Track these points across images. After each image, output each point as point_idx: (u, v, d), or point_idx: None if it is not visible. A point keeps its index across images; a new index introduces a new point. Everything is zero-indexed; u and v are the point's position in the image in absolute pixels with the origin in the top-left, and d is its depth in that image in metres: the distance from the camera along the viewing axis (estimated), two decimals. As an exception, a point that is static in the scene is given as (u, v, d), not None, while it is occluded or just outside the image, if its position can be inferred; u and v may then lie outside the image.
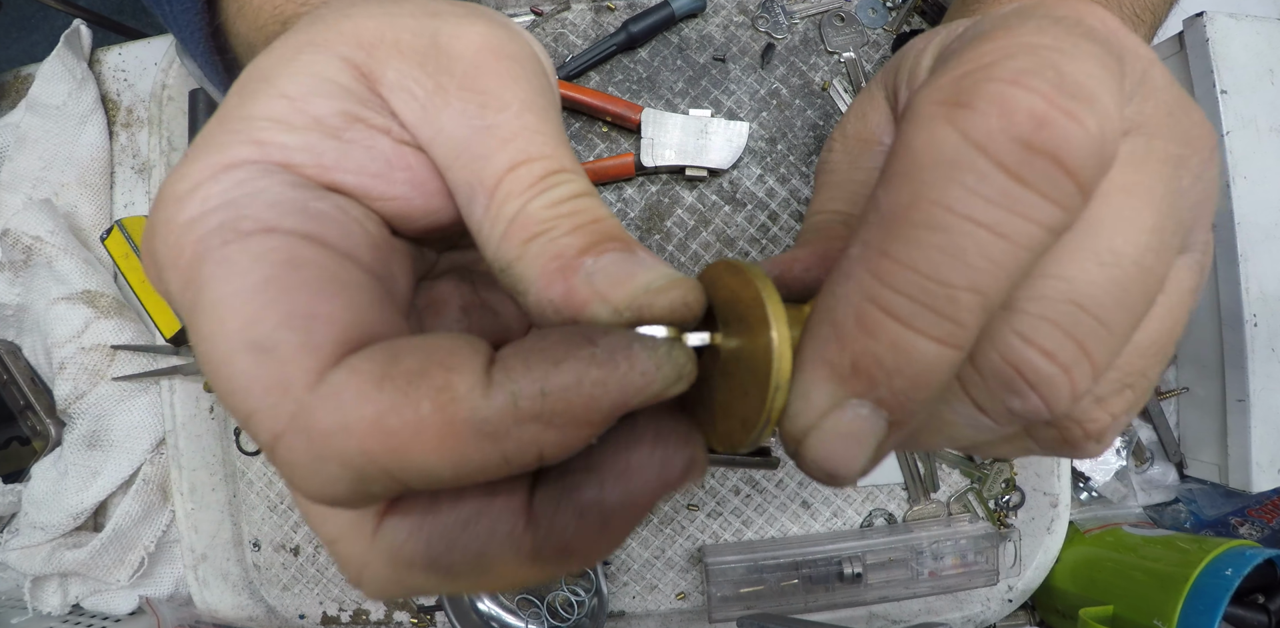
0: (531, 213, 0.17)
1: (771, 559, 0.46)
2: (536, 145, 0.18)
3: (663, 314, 0.16)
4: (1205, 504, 0.55)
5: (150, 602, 0.51)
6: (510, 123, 0.18)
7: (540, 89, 0.19)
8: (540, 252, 0.16)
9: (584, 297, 0.16)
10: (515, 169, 0.17)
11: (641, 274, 0.16)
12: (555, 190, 0.17)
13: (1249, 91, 0.49)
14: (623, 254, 0.16)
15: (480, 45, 0.19)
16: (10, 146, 0.53)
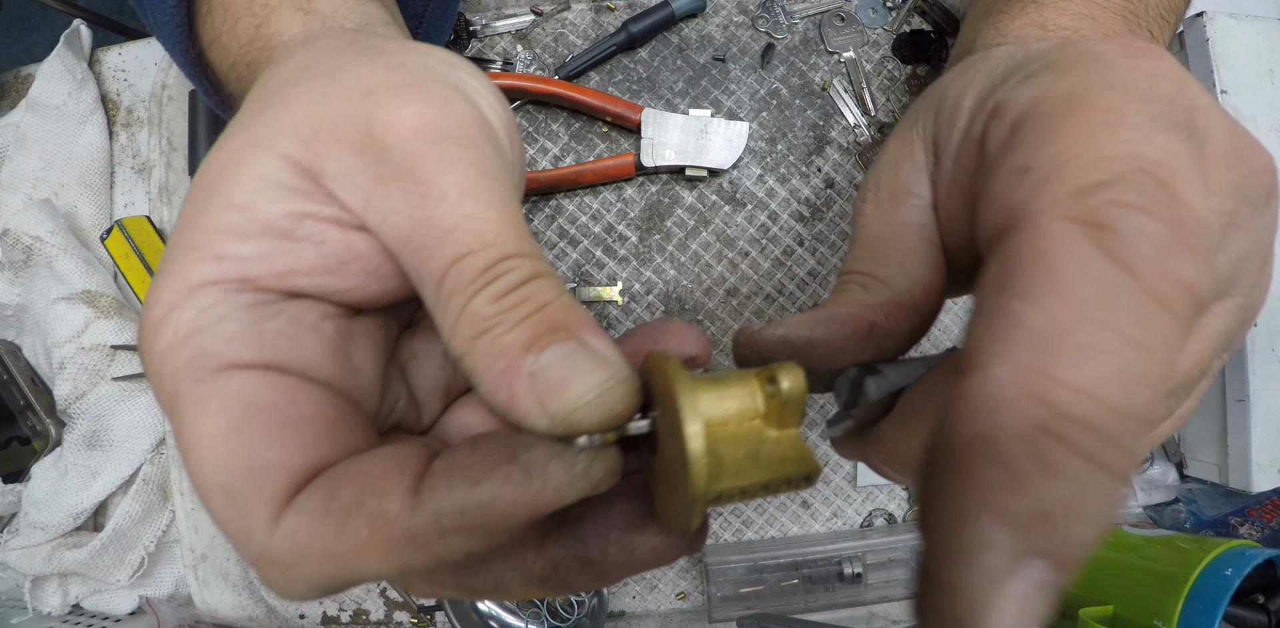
0: (475, 309, 0.17)
1: (771, 559, 0.46)
2: (477, 235, 0.18)
3: (591, 428, 0.16)
4: (1205, 504, 0.55)
5: (150, 602, 0.51)
6: (450, 213, 0.18)
7: (484, 167, 0.19)
8: (486, 350, 0.17)
9: (524, 407, 0.16)
10: (458, 262, 0.17)
11: (576, 383, 0.16)
12: (499, 282, 0.17)
13: (1249, 91, 0.49)
14: (564, 348, 0.17)
15: (414, 130, 0.19)
16: (10, 146, 0.53)
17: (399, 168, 0.18)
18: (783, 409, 0.18)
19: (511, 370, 0.16)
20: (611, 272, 0.48)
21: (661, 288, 0.48)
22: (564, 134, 0.48)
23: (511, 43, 0.48)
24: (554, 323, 0.17)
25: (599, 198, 0.48)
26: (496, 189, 0.19)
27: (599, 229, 0.48)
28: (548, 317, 0.17)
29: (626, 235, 0.48)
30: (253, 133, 0.19)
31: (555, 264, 0.48)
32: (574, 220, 0.48)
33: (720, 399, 0.18)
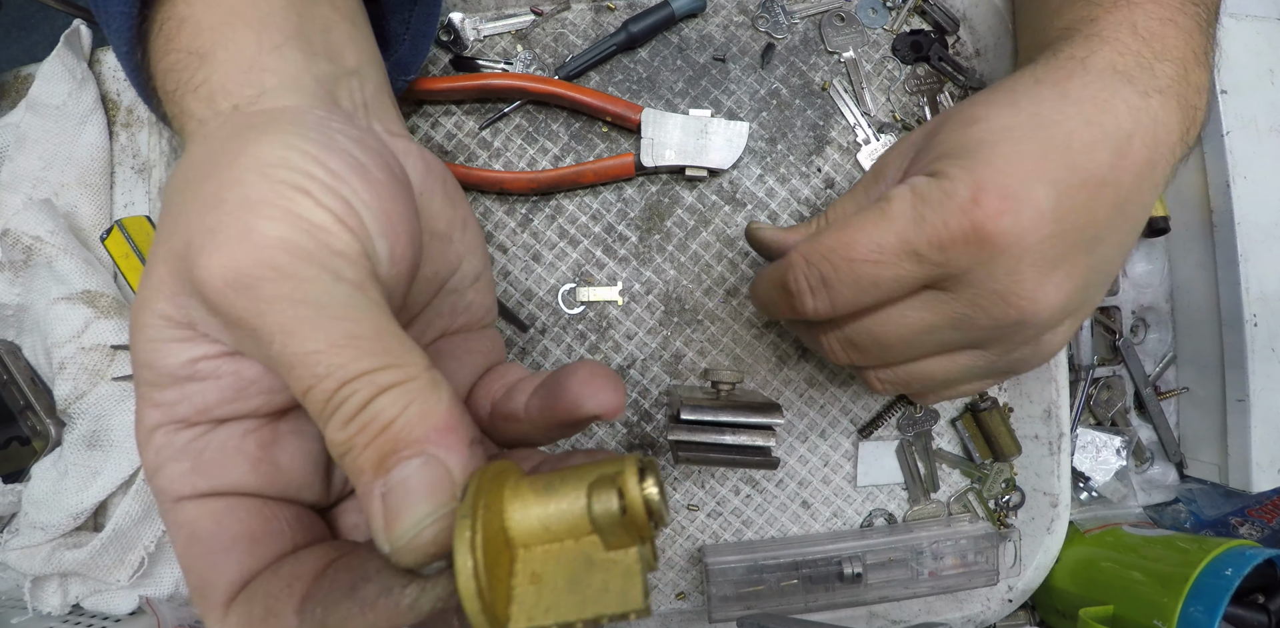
0: (330, 437, 0.19)
1: (771, 559, 0.46)
2: (309, 370, 0.19)
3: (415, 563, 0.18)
4: (1205, 504, 0.55)
5: (150, 602, 0.51)
6: (280, 354, 0.19)
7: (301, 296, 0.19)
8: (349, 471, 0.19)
9: (375, 530, 0.19)
10: (305, 395, 0.19)
11: (404, 516, 0.18)
12: (341, 410, 0.19)
13: (1249, 91, 0.49)
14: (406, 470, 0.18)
15: (223, 282, 0.20)
16: (10, 146, 0.53)
17: (226, 318, 0.20)
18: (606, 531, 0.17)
19: (368, 493, 0.19)
20: (611, 272, 0.48)
21: (661, 288, 0.48)
22: (564, 134, 0.48)
23: (511, 43, 0.48)
24: (399, 440, 0.18)
25: (599, 198, 0.48)
26: (324, 314, 0.19)
27: (599, 229, 0.48)
28: (392, 434, 0.18)
29: (626, 235, 0.48)
30: (141, 295, 0.22)
31: (555, 264, 0.48)
32: (574, 220, 0.48)
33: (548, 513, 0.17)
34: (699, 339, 0.48)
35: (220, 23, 0.25)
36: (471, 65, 0.47)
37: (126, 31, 0.27)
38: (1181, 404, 0.55)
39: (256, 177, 0.21)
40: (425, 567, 0.18)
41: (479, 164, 0.47)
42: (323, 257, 0.20)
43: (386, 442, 0.18)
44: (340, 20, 0.29)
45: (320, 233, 0.20)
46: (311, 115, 0.24)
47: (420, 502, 0.18)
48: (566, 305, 0.48)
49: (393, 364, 0.19)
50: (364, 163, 0.23)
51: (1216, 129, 0.49)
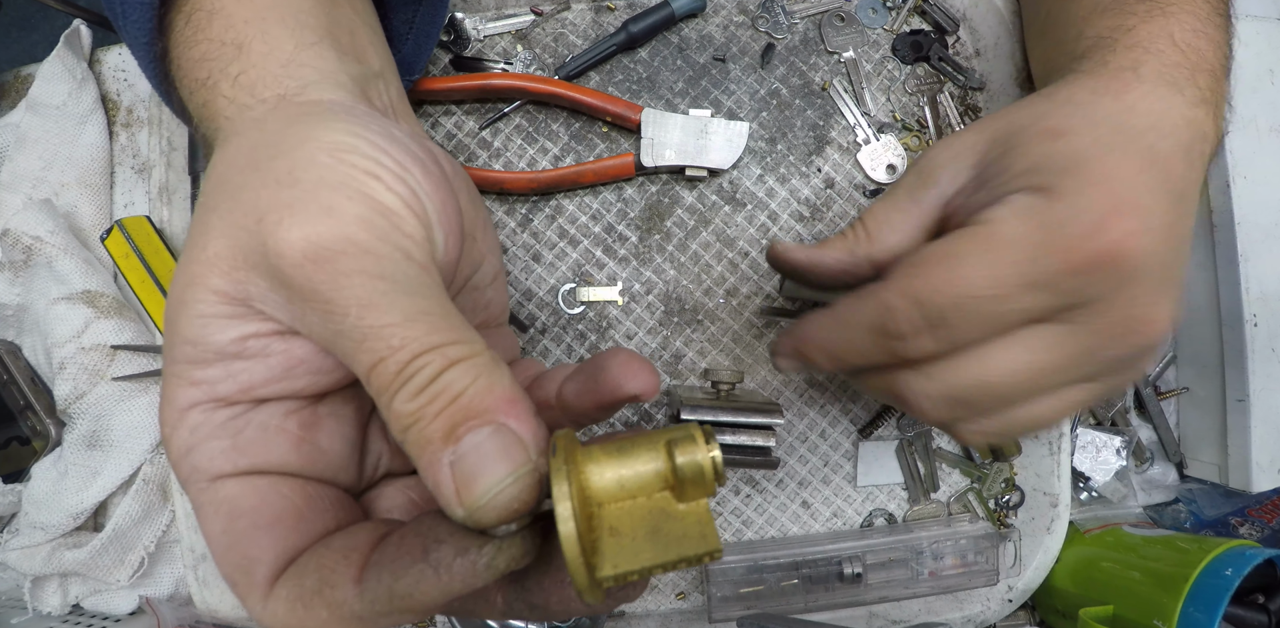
0: (397, 409, 0.19)
1: (771, 559, 0.46)
2: (383, 342, 0.19)
3: (494, 524, 0.19)
4: (1205, 504, 0.55)
5: (150, 602, 0.51)
6: (354, 328, 0.20)
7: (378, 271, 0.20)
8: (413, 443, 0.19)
9: (446, 496, 0.19)
10: (374, 368, 0.19)
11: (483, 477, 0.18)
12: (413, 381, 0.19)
13: (1249, 91, 0.49)
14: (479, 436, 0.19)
15: (302, 255, 0.20)
16: (10, 146, 0.53)
17: (299, 291, 0.20)
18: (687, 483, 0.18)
19: (435, 461, 0.19)
20: (611, 272, 0.48)
21: (661, 288, 0.48)
22: (564, 134, 0.48)
23: (511, 43, 0.48)
24: (470, 410, 0.19)
25: (599, 198, 0.48)
26: (398, 289, 0.20)
27: (599, 229, 0.48)
28: (463, 404, 0.19)
29: (626, 235, 0.48)
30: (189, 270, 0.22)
31: (555, 264, 0.48)
32: (574, 220, 0.48)
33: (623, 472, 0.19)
34: (699, 339, 0.48)
35: (253, 17, 0.26)
36: (471, 65, 0.47)
37: (148, 22, 0.27)
38: (1181, 404, 0.55)
39: (329, 159, 0.22)
40: (499, 529, 0.18)
41: (479, 164, 0.47)
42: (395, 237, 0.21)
43: (458, 411, 0.19)
44: (360, 24, 0.30)
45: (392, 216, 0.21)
46: (359, 109, 0.25)
47: (498, 464, 0.18)
48: (566, 305, 0.48)
49: (460, 340, 0.20)
50: (420, 156, 0.24)
51: (1216, 129, 0.49)
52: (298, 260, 0.20)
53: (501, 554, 0.18)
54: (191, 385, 0.22)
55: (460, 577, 0.18)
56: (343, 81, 0.26)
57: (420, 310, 0.20)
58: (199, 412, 0.22)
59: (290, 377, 0.22)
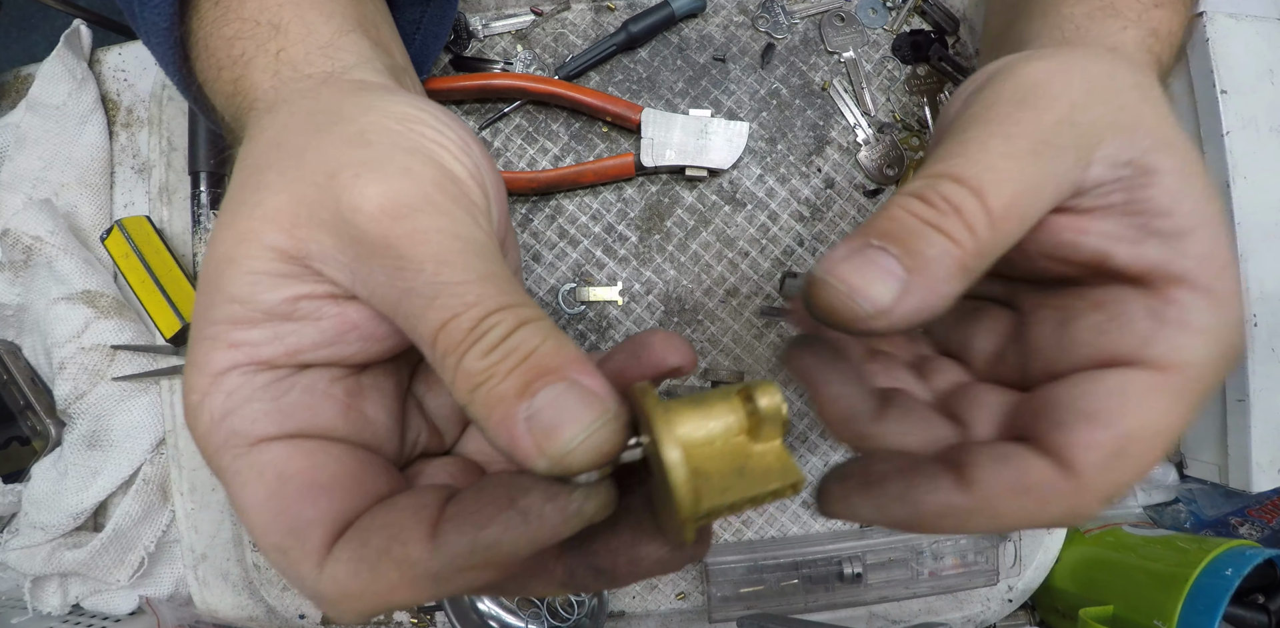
0: (468, 367, 0.19)
1: (771, 559, 0.46)
2: (457, 299, 0.19)
3: (584, 468, 0.18)
4: (1205, 504, 0.55)
5: (150, 602, 0.51)
6: (428, 284, 0.19)
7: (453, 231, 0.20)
8: (483, 401, 0.19)
9: (524, 450, 0.18)
10: (445, 326, 0.19)
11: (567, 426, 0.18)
12: (486, 338, 0.19)
13: (1249, 91, 0.49)
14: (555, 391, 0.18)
15: (380, 210, 0.20)
16: (10, 146, 0.53)
17: (373, 247, 0.20)
18: (763, 424, 0.20)
19: (509, 418, 0.18)
20: (611, 272, 0.48)
21: (661, 288, 0.48)
22: (564, 134, 0.48)
23: (511, 43, 0.48)
24: (543, 367, 0.18)
25: (599, 198, 0.48)
26: (471, 249, 0.20)
27: (599, 229, 0.48)
28: (536, 362, 0.18)
29: (626, 235, 0.48)
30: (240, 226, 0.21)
31: (555, 264, 0.48)
32: (574, 220, 0.48)
33: (703, 420, 0.20)
34: (699, 339, 0.48)
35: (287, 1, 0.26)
36: (472, 65, 0.47)
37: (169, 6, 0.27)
38: (1181, 404, 0.55)
39: (399, 126, 0.22)
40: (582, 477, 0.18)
41: (479, 164, 0.47)
42: (465, 203, 0.21)
43: (531, 369, 0.18)
44: (383, 21, 0.31)
45: (461, 184, 0.22)
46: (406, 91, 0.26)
47: (580, 412, 0.18)
48: (567, 305, 0.48)
49: (527, 304, 0.20)
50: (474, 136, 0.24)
51: (1216, 129, 0.49)
52: (376, 214, 0.20)
53: (590, 500, 0.18)
54: (230, 348, 0.20)
55: (550, 524, 0.18)
56: (380, 69, 0.27)
57: (491, 272, 0.20)
58: (238, 374, 0.21)
59: (341, 342, 0.21)
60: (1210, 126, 0.49)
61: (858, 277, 0.19)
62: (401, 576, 0.18)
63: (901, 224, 0.20)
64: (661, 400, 0.19)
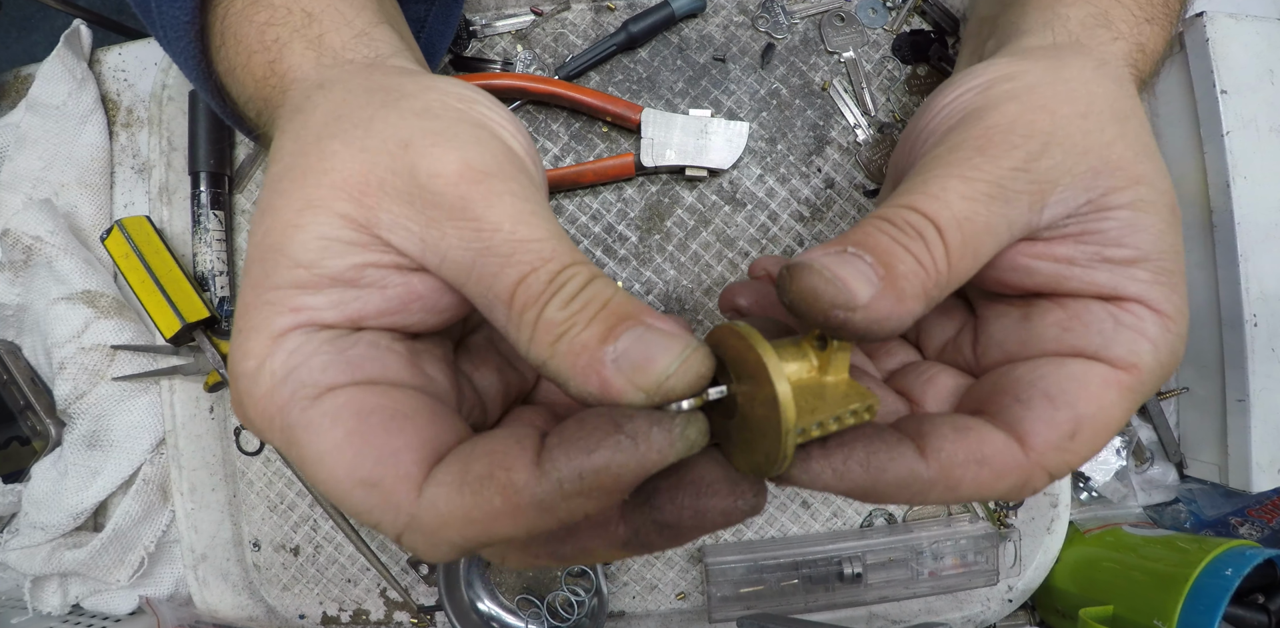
0: (549, 318, 0.19)
1: (771, 559, 0.46)
2: (534, 254, 0.20)
3: (684, 393, 0.19)
4: (1205, 504, 0.55)
5: (150, 602, 0.51)
6: (506, 241, 0.20)
7: (523, 195, 0.21)
8: (567, 351, 0.19)
9: (618, 388, 0.19)
10: (523, 281, 0.20)
11: (659, 357, 0.19)
12: (564, 290, 0.20)
13: (1249, 91, 0.49)
14: (636, 333, 0.19)
15: (458, 175, 0.21)
16: (10, 146, 0.53)
17: (450, 210, 0.20)
18: (832, 360, 0.22)
19: (596, 362, 0.19)
20: (611, 272, 0.48)
21: (661, 288, 0.48)
22: (564, 134, 0.48)
23: (511, 43, 0.48)
24: (621, 314, 0.19)
25: (599, 198, 0.48)
26: (540, 212, 0.21)
27: (599, 229, 0.48)
28: (613, 310, 0.19)
29: (626, 235, 0.48)
30: (305, 193, 0.21)
31: (555, 264, 0.48)
32: (574, 220, 0.48)
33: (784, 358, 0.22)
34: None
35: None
36: (472, 65, 0.47)
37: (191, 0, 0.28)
38: (1181, 404, 0.55)
39: (460, 104, 0.23)
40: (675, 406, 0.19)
41: (479, 164, 0.48)
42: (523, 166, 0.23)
43: (610, 315, 0.19)
44: (398, 16, 0.32)
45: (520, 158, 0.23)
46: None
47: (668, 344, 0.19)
48: (566, 305, 0.48)
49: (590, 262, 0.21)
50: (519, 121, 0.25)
51: (1216, 129, 0.49)
52: (454, 179, 0.20)
53: (691, 425, 0.19)
54: (292, 312, 0.20)
55: (658, 447, 0.18)
56: (413, 60, 0.27)
57: (559, 231, 0.21)
58: (299, 334, 0.20)
59: (404, 311, 0.22)
60: (1210, 126, 0.49)
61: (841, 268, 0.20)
62: (505, 502, 0.18)
63: (875, 239, 0.21)
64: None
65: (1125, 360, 0.23)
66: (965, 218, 0.21)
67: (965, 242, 0.21)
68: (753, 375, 0.20)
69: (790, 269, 0.21)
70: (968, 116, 0.25)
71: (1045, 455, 0.21)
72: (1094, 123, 0.24)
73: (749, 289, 0.28)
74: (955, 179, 0.22)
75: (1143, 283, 0.24)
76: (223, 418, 0.51)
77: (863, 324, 0.20)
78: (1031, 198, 0.23)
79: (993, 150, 0.23)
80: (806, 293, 0.20)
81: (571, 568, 0.48)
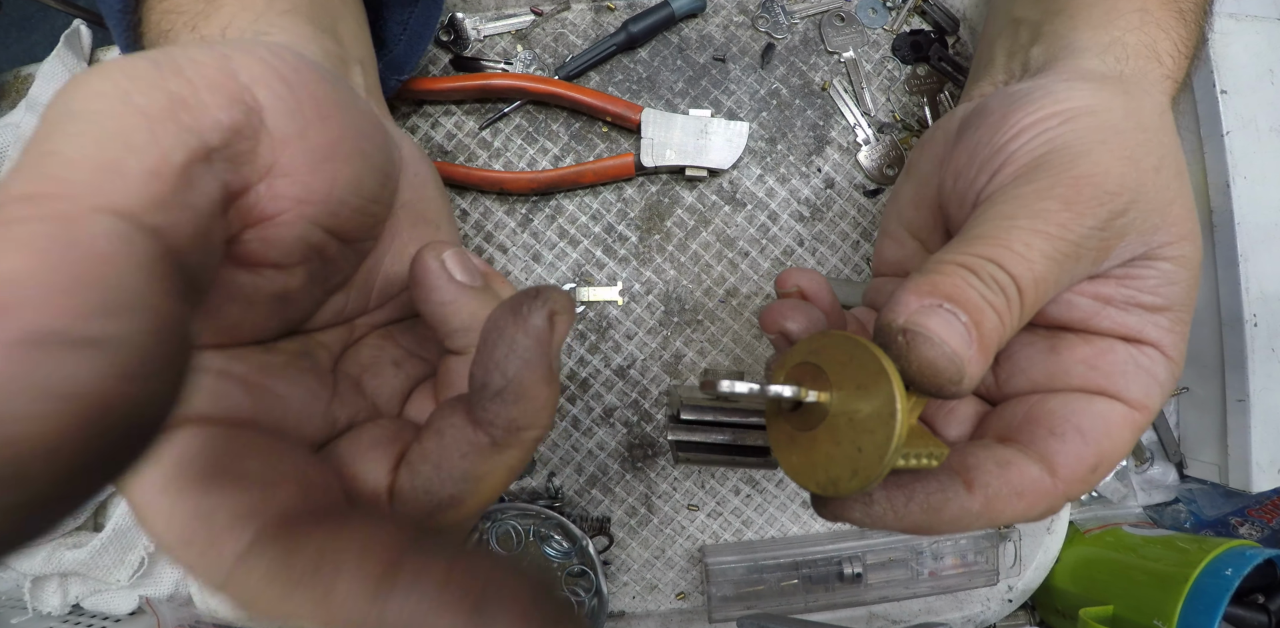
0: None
1: (771, 559, 0.46)
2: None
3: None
4: (1205, 504, 0.55)
5: (150, 602, 0.51)
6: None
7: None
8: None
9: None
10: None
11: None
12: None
13: (1249, 91, 0.49)
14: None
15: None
16: (10, 147, 0.53)
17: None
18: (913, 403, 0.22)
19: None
20: (611, 272, 0.48)
21: (661, 288, 0.48)
22: (564, 134, 0.48)
23: (511, 43, 0.48)
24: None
25: (599, 198, 0.48)
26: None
27: (599, 229, 0.48)
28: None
29: (626, 235, 0.48)
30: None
31: (555, 264, 0.48)
32: (574, 220, 0.48)
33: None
34: (699, 339, 0.48)
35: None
36: (471, 65, 0.47)
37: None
38: (1181, 404, 0.55)
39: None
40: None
41: (479, 164, 0.47)
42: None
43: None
44: (347, 14, 0.30)
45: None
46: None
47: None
48: (566, 305, 0.48)
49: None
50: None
51: (1216, 129, 0.49)
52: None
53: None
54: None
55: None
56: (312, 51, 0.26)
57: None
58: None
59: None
60: (1210, 126, 0.49)
61: (951, 337, 0.20)
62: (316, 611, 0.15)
63: (966, 294, 0.21)
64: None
65: (1140, 402, 0.25)
66: (1043, 279, 0.22)
67: (1037, 300, 0.22)
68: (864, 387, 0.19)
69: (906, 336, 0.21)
70: (1054, 153, 0.25)
71: (1071, 485, 0.23)
72: (1164, 179, 0.25)
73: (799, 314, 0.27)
74: (1040, 236, 0.22)
75: (1162, 330, 0.25)
76: (223, 418, 0.51)
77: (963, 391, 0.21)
78: (1098, 254, 0.24)
79: (1080, 206, 0.23)
80: (928, 367, 0.20)
81: (571, 568, 0.48)
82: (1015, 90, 0.29)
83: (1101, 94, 0.27)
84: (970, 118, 0.29)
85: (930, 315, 0.20)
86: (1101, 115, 0.26)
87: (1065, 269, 0.23)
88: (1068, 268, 0.23)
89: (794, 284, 0.28)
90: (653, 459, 0.48)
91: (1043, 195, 0.24)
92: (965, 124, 0.29)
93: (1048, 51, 0.32)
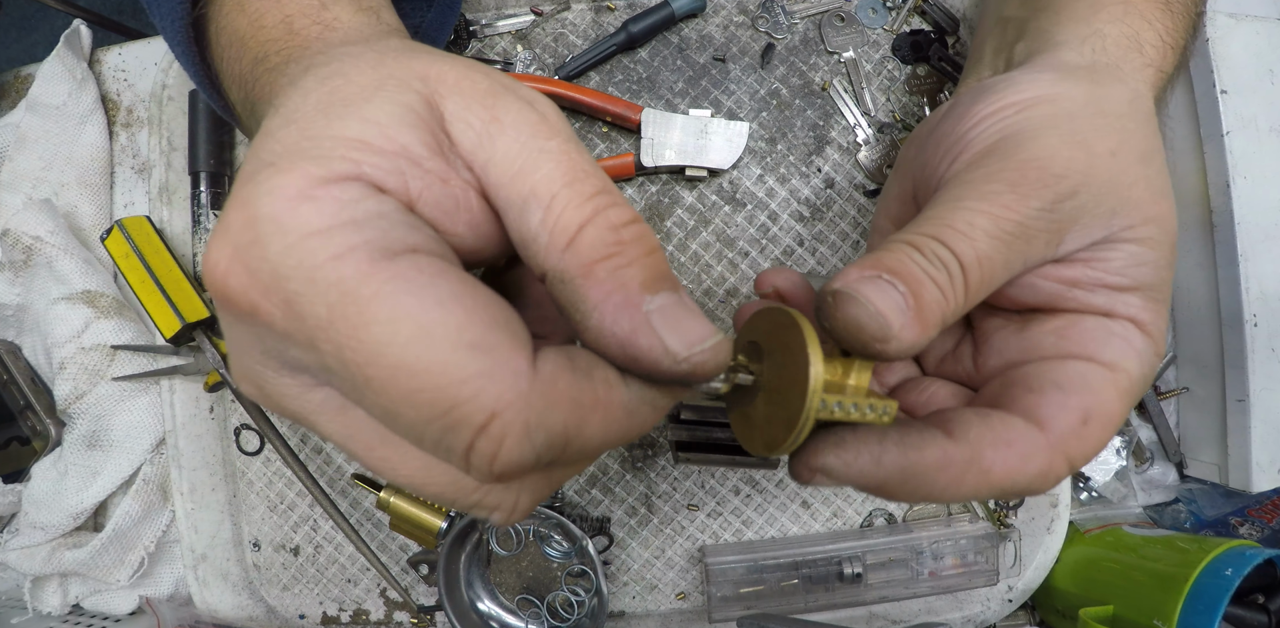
0: (594, 234, 0.18)
1: (771, 559, 0.46)
2: (585, 164, 0.19)
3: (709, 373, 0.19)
4: (1205, 504, 0.55)
5: (150, 602, 0.51)
6: (562, 147, 0.19)
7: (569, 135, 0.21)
8: (605, 279, 0.18)
9: (647, 341, 0.18)
10: (571, 184, 0.19)
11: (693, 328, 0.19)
12: (609, 212, 0.19)
13: (1249, 91, 0.49)
14: (673, 297, 0.19)
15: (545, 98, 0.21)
16: (10, 146, 0.53)
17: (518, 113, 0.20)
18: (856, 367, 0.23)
19: (632, 304, 0.18)
20: (611, 272, 0.48)
21: (661, 288, 0.48)
22: (564, 134, 0.48)
23: (511, 43, 0.48)
24: (663, 272, 0.19)
25: (599, 198, 0.48)
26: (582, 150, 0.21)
27: (599, 229, 0.48)
28: (657, 263, 0.19)
29: (626, 235, 0.48)
30: (385, 69, 0.20)
31: (555, 264, 0.48)
32: (574, 220, 0.48)
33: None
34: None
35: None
36: (471, 65, 0.47)
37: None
38: (1181, 404, 0.55)
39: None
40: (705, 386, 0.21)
41: (479, 164, 0.47)
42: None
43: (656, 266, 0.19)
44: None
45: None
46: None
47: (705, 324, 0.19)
48: (566, 305, 0.48)
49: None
50: None
51: (1216, 129, 0.49)
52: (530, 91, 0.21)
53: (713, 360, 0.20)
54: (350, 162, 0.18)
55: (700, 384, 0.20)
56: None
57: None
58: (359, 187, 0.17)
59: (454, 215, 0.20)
60: (1210, 126, 0.49)
61: (881, 300, 0.21)
62: (608, 394, 0.18)
63: (907, 267, 0.22)
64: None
65: (1117, 364, 0.24)
66: (987, 257, 0.23)
67: (983, 278, 0.23)
68: (788, 349, 0.20)
69: (835, 297, 0.22)
70: (1006, 140, 0.26)
71: (1064, 440, 0.23)
72: (1122, 162, 0.25)
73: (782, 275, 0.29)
74: (984, 216, 0.23)
75: (1135, 308, 0.25)
76: (223, 418, 0.51)
77: (893, 352, 0.21)
78: (1050, 236, 0.24)
79: (1024, 188, 0.24)
80: (850, 324, 0.21)
81: (571, 568, 0.48)
82: (984, 83, 0.29)
83: (1063, 83, 0.27)
84: (946, 112, 0.30)
85: (865, 283, 0.21)
86: (1059, 103, 0.26)
87: (1014, 249, 0.23)
88: (1017, 248, 0.23)
89: (771, 285, 0.29)
90: (653, 459, 0.48)
91: (990, 178, 0.24)
92: (941, 118, 0.30)
93: (1029, 47, 0.33)
